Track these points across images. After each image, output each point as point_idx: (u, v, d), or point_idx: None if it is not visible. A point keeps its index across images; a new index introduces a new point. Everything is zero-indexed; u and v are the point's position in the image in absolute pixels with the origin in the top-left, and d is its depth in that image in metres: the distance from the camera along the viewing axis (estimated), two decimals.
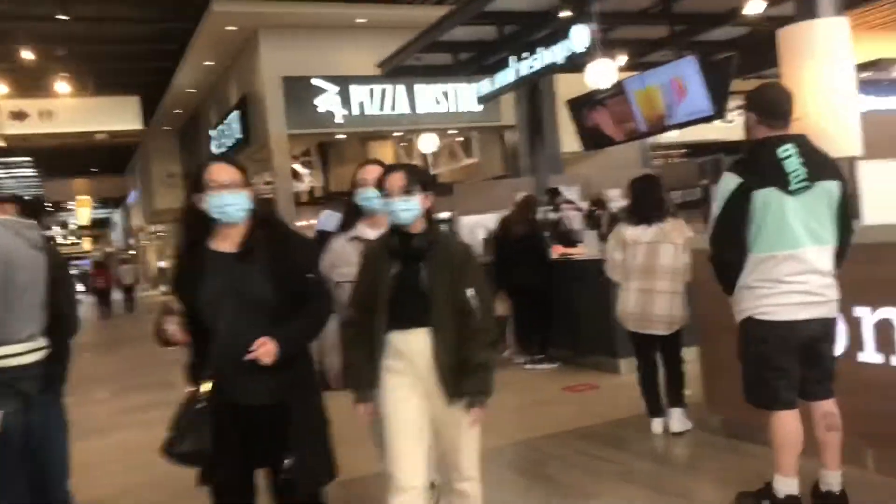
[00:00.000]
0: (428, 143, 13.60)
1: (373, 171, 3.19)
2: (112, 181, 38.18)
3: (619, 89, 9.87)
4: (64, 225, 57.77)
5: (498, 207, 10.37)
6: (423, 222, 2.80)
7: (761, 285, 3.19)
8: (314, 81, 16.13)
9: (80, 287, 29.31)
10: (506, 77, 9.54)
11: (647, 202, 4.79)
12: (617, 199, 9.96)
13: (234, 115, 18.12)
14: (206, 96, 21.38)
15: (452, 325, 2.72)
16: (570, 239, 8.24)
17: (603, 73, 7.84)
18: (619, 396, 5.89)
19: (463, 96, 17.31)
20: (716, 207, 3.27)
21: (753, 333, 3.24)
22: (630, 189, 4.89)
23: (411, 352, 2.75)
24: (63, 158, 32.94)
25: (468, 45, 10.30)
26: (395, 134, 17.85)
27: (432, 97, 17.18)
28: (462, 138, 18.78)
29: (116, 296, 26.93)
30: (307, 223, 23.63)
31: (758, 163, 3.20)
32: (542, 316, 7.38)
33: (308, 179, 20.31)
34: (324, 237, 7.27)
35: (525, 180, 13.73)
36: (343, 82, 16.38)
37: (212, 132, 20.80)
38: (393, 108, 16.89)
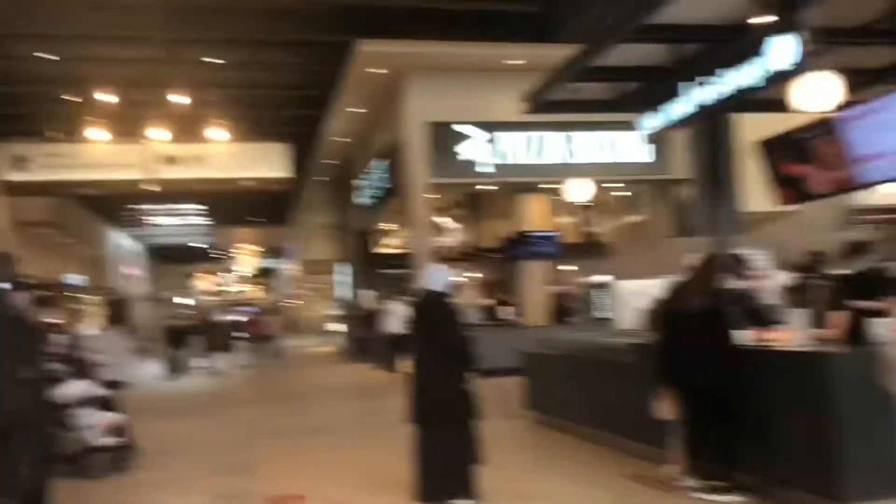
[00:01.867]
0: (578, 191, 11.72)
1: None
2: (274, 231, 39.04)
3: (828, 127, 7.68)
4: (234, 274, 60.44)
5: (666, 272, 8.39)
6: None
7: None
8: (459, 127, 14.84)
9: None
10: (681, 107, 7.61)
11: None
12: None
13: (381, 165, 17.17)
14: (356, 145, 20.75)
15: None
16: (764, 317, 6.10)
17: (822, 90, 5.73)
18: None
19: (627, 145, 15.43)
20: None
21: None
22: None
23: None
24: (230, 207, 34.05)
25: (635, 72, 8.47)
26: (548, 186, 16.14)
27: (592, 145, 15.41)
28: (624, 194, 16.81)
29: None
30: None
31: None
32: (726, 423, 5.29)
33: (455, 234, 18.98)
34: (433, 298, 5.63)
35: (699, 241, 11.59)
36: (491, 129, 14.99)
37: (360, 182, 20.06)
38: (546, 157, 15.25)
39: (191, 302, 61.58)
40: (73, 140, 17.85)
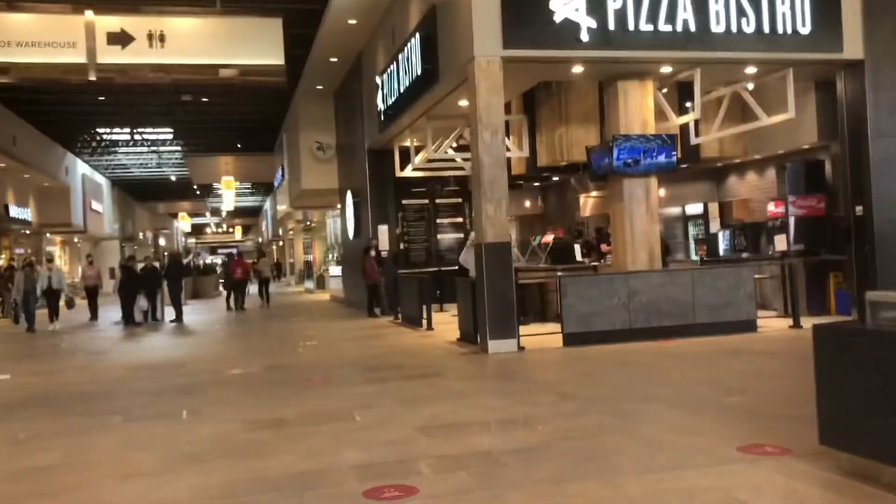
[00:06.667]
0: None
1: None
2: (261, 161, 33.60)
3: None
4: (215, 212, 55.15)
5: None
6: None
7: None
8: None
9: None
10: None
11: None
12: None
13: (415, 42, 12.17)
14: (371, 31, 15.65)
15: None
16: None
17: None
18: None
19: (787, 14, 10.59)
20: None
21: None
22: None
23: None
24: (204, 129, 28.96)
25: None
26: (663, 69, 11.25)
27: (739, 9, 10.49)
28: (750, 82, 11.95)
29: (254, 288, 25.38)
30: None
31: None
32: None
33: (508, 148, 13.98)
34: None
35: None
36: None
37: (378, 79, 15.04)
38: (672, 23, 10.31)
39: (162, 243, 56.41)
40: None
